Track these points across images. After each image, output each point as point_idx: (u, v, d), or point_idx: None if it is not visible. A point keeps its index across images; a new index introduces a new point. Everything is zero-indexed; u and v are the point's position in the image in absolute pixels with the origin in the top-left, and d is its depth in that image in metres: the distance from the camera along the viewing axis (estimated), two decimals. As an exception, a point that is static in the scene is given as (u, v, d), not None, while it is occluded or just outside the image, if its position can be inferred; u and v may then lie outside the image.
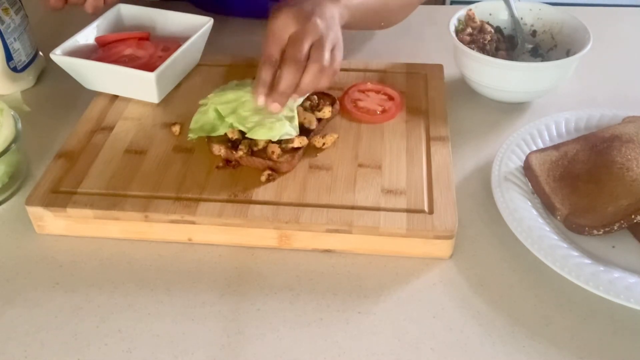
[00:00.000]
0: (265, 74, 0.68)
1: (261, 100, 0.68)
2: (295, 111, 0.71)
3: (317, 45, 0.67)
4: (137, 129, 0.76)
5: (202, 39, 0.85)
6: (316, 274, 0.64)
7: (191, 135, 0.72)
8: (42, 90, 0.91)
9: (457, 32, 0.86)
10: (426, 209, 0.65)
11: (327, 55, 0.67)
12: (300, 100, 0.74)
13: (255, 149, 0.70)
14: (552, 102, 0.85)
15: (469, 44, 0.84)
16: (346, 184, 0.68)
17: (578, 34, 0.84)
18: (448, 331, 0.58)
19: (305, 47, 0.67)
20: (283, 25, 0.68)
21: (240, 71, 0.85)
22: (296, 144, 0.70)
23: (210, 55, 0.88)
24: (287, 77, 0.66)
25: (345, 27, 0.73)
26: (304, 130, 0.72)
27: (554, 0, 0.93)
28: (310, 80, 0.67)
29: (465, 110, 0.84)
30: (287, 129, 0.69)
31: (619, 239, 0.65)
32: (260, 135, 0.69)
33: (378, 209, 0.65)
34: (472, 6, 0.88)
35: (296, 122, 0.71)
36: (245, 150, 0.69)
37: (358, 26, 0.79)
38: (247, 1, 1.02)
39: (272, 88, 0.68)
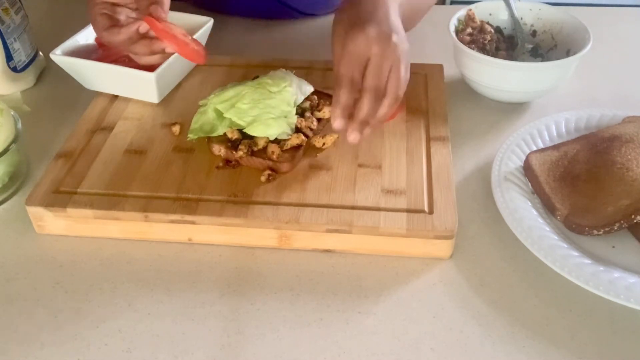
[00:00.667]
0: (347, 97, 0.64)
1: (339, 124, 0.64)
2: (293, 106, 0.71)
3: (395, 70, 0.64)
4: (137, 129, 0.76)
5: (202, 39, 0.85)
6: (316, 274, 0.64)
7: (191, 136, 0.72)
8: (42, 90, 0.91)
9: (457, 32, 0.86)
10: (426, 209, 0.65)
11: (403, 86, 0.65)
12: (308, 89, 0.74)
13: (255, 149, 0.70)
14: (552, 102, 0.85)
15: (469, 44, 0.84)
16: (346, 184, 0.68)
17: (578, 34, 0.84)
18: (448, 331, 0.58)
19: (386, 72, 0.64)
20: (364, 46, 0.63)
21: (240, 71, 0.85)
22: (294, 142, 0.70)
23: (210, 55, 0.87)
24: (369, 107, 0.63)
25: None
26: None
27: (554, 0, 0.93)
28: (386, 112, 0.65)
29: (465, 110, 0.84)
30: (284, 128, 0.69)
31: (619, 239, 0.65)
32: (258, 132, 0.69)
33: (378, 209, 0.65)
34: (472, 6, 0.89)
35: (294, 119, 0.71)
36: (245, 151, 0.69)
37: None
38: (247, 1, 1.02)
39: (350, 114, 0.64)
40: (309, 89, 0.76)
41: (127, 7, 0.75)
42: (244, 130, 0.70)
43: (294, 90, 0.73)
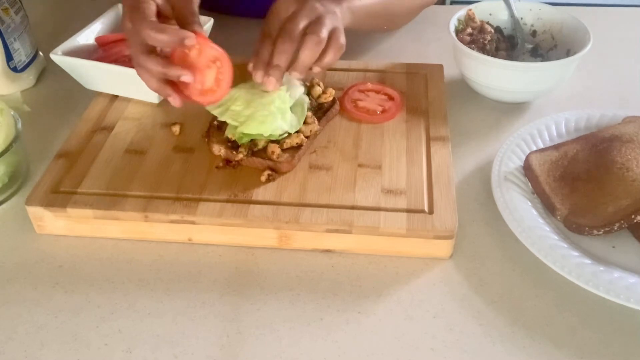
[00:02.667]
0: (263, 50, 0.68)
1: (259, 76, 0.68)
2: (287, 103, 0.71)
3: (315, 21, 0.67)
4: (137, 129, 0.76)
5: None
6: (316, 274, 0.64)
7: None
8: (42, 90, 0.91)
9: (457, 32, 0.86)
10: (426, 209, 0.65)
11: (324, 30, 0.67)
12: (298, 91, 0.73)
13: (255, 149, 0.70)
14: (552, 102, 0.85)
15: (469, 44, 0.84)
16: (346, 184, 0.68)
17: (578, 34, 0.84)
18: (448, 331, 0.58)
19: (301, 22, 0.67)
20: (284, 5, 0.69)
21: (240, 71, 0.84)
22: (294, 142, 0.70)
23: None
24: (280, 49, 0.66)
25: (348, 28, 0.73)
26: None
27: (554, 0, 0.93)
28: (308, 54, 0.66)
29: (465, 110, 0.84)
30: (279, 124, 0.69)
31: (619, 239, 0.65)
32: (252, 129, 0.69)
33: (378, 209, 0.65)
34: (472, 6, 0.89)
35: (288, 115, 0.71)
36: (245, 153, 0.69)
37: (361, 28, 0.79)
38: (247, 1, 1.02)
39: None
40: (300, 89, 0.75)
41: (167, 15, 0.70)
42: (238, 129, 0.70)
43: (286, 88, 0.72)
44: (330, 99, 0.77)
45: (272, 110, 0.70)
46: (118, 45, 0.85)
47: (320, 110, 0.76)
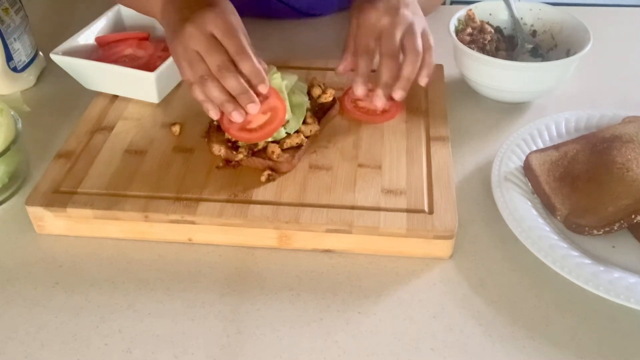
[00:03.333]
0: (366, 66, 0.71)
1: (362, 91, 0.71)
2: (289, 111, 0.71)
3: (409, 34, 0.70)
4: (137, 129, 0.76)
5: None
6: (316, 274, 0.64)
7: None
8: (42, 90, 0.91)
9: (457, 32, 0.86)
10: (426, 209, 0.65)
11: (419, 42, 0.71)
12: (292, 79, 0.74)
13: (255, 149, 0.70)
14: (552, 102, 0.85)
15: (469, 44, 0.84)
16: (346, 184, 0.68)
17: (578, 34, 0.84)
18: (448, 331, 0.58)
19: (398, 37, 0.70)
20: (375, 19, 0.71)
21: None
22: (294, 142, 0.70)
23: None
24: (388, 69, 0.69)
25: None
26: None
27: (554, 0, 0.93)
28: (410, 70, 0.70)
29: (465, 110, 0.84)
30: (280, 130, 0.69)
31: (619, 239, 0.65)
32: None
33: (378, 209, 0.65)
34: (472, 6, 0.89)
35: (291, 120, 0.71)
36: (245, 153, 0.69)
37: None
38: (247, 0, 1.02)
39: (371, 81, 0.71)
40: (293, 77, 0.75)
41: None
42: None
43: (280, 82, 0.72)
44: (330, 99, 0.77)
45: None
46: (118, 45, 0.86)
47: (320, 110, 0.76)
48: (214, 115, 0.68)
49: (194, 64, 0.66)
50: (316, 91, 0.77)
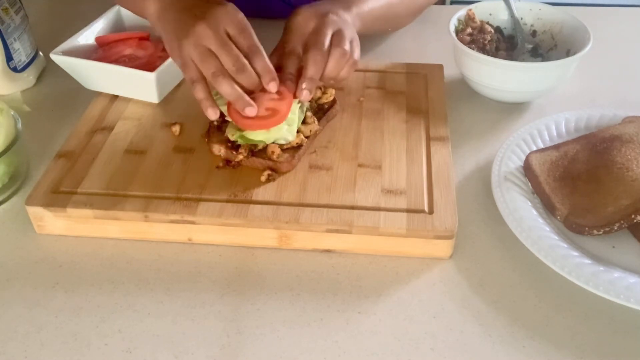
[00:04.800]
0: (292, 66, 0.70)
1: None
2: (297, 114, 0.71)
3: (338, 34, 0.71)
4: (137, 129, 0.76)
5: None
6: (316, 274, 0.64)
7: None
8: (42, 90, 0.91)
9: (457, 32, 0.86)
10: (426, 209, 0.65)
11: (347, 42, 0.70)
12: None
13: (255, 149, 0.70)
14: (552, 102, 0.85)
15: (469, 44, 0.84)
16: (346, 184, 0.68)
17: (578, 34, 0.84)
18: (448, 331, 0.58)
19: (328, 36, 0.70)
20: (303, 21, 0.72)
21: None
22: (294, 142, 0.70)
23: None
24: (314, 63, 0.69)
25: (357, 33, 0.75)
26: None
27: (554, 0, 0.93)
28: (334, 66, 0.70)
29: (465, 110, 0.84)
30: (284, 133, 0.69)
31: (619, 239, 0.65)
32: (256, 135, 0.69)
33: (378, 209, 0.65)
34: (472, 6, 0.89)
35: (295, 127, 0.70)
36: (245, 153, 0.69)
37: (367, 32, 0.81)
38: (247, 1, 1.02)
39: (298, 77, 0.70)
40: None
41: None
42: (243, 134, 0.70)
43: None
44: (331, 99, 0.77)
45: None
46: (118, 45, 0.86)
47: (320, 111, 0.76)
48: (212, 115, 0.68)
49: (205, 60, 0.66)
50: (316, 92, 0.77)
